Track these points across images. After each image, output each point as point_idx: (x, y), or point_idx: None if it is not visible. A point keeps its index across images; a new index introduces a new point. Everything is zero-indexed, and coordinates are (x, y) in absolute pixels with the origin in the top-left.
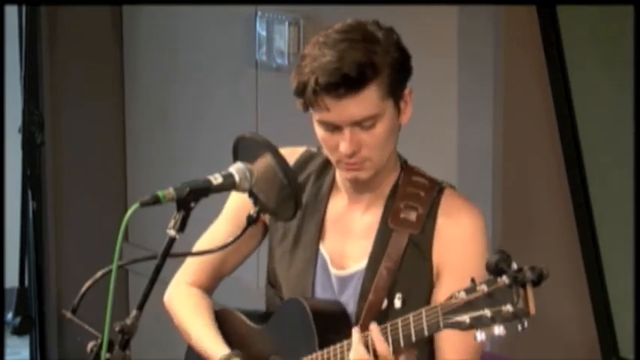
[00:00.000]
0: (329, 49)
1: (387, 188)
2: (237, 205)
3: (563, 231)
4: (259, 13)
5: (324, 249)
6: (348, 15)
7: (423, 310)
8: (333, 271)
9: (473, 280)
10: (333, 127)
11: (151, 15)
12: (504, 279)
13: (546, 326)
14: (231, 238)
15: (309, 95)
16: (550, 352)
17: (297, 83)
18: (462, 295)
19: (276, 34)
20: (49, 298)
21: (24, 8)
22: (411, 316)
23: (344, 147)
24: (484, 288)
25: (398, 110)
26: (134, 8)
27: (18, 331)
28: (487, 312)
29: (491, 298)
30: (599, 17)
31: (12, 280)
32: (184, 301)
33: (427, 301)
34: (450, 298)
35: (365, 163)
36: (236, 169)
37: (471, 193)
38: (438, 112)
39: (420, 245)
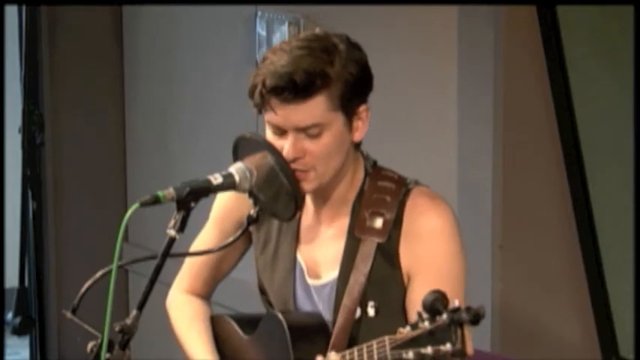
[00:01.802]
0: (286, 54)
1: (352, 195)
2: (221, 212)
3: (563, 231)
4: (259, 13)
5: (301, 258)
6: (348, 15)
7: (374, 342)
8: (309, 280)
9: (419, 315)
10: (281, 131)
11: (151, 15)
12: (444, 318)
13: (546, 326)
14: (230, 238)
15: (257, 97)
16: (550, 352)
17: (250, 86)
18: (408, 330)
19: (276, 34)
20: (49, 298)
21: (24, 8)
22: (364, 347)
23: (287, 152)
24: (426, 325)
25: (350, 126)
26: (134, 8)
27: (18, 331)
28: (429, 350)
29: (433, 336)
30: (599, 17)
31: (12, 280)
32: (181, 309)
33: (402, 306)
34: (397, 332)
35: (309, 173)
36: (236, 169)
37: (471, 194)
38: (438, 112)
39: (388, 253)
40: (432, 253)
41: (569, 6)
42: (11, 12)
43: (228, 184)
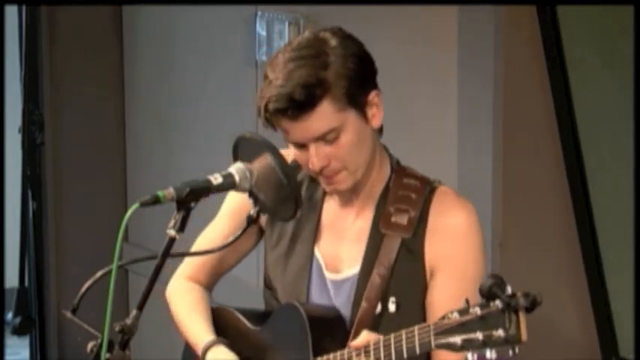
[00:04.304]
0: (280, 70)
1: (377, 191)
2: (237, 203)
3: (563, 231)
4: (259, 13)
5: (318, 252)
6: (348, 15)
7: (416, 328)
8: (327, 275)
9: (467, 301)
10: (301, 145)
11: (151, 15)
12: (497, 304)
13: (546, 326)
14: (231, 237)
15: (264, 120)
16: (550, 352)
17: (257, 107)
18: (455, 315)
19: (276, 34)
20: (49, 298)
21: (24, 8)
22: (403, 332)
23: (312, 163)
24: (477, 311)
25: (365, 116)
26: (134, 8)
27: (18, 331)
28: (479, 335)
29: (483, 322)
30: (599, 17)
31: (12, 280)
32: (182, 294)
33: (422, 303)
34: (443, 318)
35: (340, 174)
36: (236, 169)
37: (471, 193)
38: (438, 111)
39: (412, 248)
40: (458, 251)
41: (569, 6)
42: (11, 12)
43: (228, 184)
